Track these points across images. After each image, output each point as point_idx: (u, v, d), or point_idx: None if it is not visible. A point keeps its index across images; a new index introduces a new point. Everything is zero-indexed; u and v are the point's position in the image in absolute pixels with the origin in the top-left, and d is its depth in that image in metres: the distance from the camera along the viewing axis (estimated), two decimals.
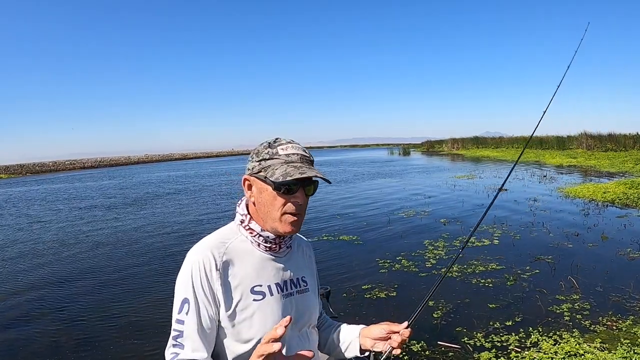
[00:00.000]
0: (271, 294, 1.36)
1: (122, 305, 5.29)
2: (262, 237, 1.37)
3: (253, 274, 1.34)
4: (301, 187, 1.32)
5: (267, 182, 1.31)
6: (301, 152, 1.34)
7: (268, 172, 1.30)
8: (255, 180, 1.35)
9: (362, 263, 6.47)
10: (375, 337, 1.48)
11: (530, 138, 2.80)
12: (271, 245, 1.38)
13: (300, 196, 1.32)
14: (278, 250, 1.41)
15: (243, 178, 1.39)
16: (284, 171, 1.27)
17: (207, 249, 1.31)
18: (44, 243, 9.30)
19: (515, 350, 3.67)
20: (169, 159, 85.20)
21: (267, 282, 1.36)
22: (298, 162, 1.31)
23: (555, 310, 4.44)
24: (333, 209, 11.86)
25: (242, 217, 1.40)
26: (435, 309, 4.60)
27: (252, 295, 1.32)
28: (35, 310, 5.30)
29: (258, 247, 1.38)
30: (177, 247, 8.13)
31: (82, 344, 4.28)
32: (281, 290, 1.39)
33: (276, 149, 1.33)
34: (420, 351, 3.75)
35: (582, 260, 6.03)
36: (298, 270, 1.48)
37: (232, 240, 1.37)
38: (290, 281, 1.43)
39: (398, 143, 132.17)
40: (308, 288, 1.50)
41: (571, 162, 24.04)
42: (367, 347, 1.50)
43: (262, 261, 1.38)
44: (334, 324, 1.68)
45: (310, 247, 1.65)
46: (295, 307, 1.42)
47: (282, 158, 1.31)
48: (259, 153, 1.34)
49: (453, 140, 52.21)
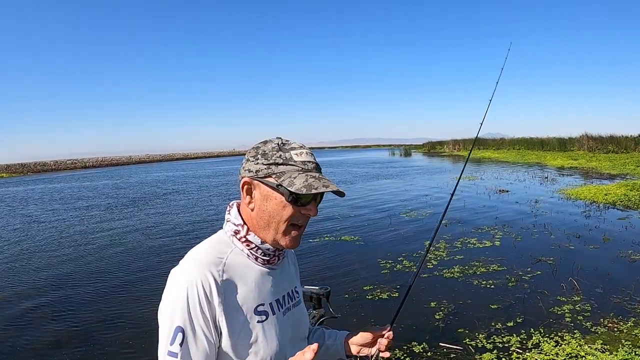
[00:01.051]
0: (273, 312, 1.25)
1: (123, 306, 5.32)
2: (260, 250, 1.23)
3: (255, 292, 1.21)
4: (314, 199, 1.20)
5: (279, 190, 1.16)
6: (315, 161, 1.22)
7: (284, 180, 1.15)
8: (259, 185, 1.19)
9: (364, 264, 6.48)
10: (360, 344, 1.42)
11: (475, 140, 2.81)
12: (269, 259, 1.26)
13: (313, 209, 1.20)
14: (276, 263, 1.29)
15: (243, 180, 1.21)
16: (305, 182, 1.14)
17: (204, 267, 1.13)
18: (43, 243, 9.33)
19: (516, 352, 3.68)
20: (170, 158, 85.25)
21: (268, 300, 1.25)
22: (314, 172, 1.19)
23: (556, 311, 4.45)
24: (335, 209, 11.87)
25: (236, 228, 1.24)
26: (437, 310, 4.62)
27: (256, 317, 1.20)
28: (36, 310, 5.32)
29: (255, 261, 1.24)
30: (180, 247, 8.15)
31: (82, 345, 4.30)
32: (280, 307, 1.29)
33: (289, 153, 1.19)
34: (422, 352, 3.77)
35: (584, 261, 6.04)
36: (291, 281, 1.39)
37: (228, 254, 1.21)
38: (287, 295, 1.34)
39: (399, 144, 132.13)
40: (300, 299, 1.42)
41: (572, 164, 24.03)
42: (352, 353, 1.45)
43: (261, 277, 1.24)
44: (312, 329, 1.59)
45: (294, 255, 1.54)
46: (293, 321, 1.34)
47: (298, 165, 1.18)
48: (267, 155, 1.18)
49: (454, 142, 52.17)
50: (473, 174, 20.63)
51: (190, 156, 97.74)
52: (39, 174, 45.85)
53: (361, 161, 42.41)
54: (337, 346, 1.50)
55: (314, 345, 1.03)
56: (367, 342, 1.40)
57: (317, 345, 1.03)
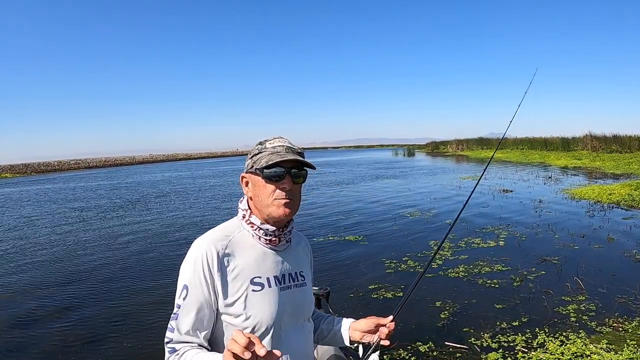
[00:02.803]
0: (269, 285, 1.45)
1: (130, 304, 5.34)
2: (262, 230, 1.46)
3: (253, 265, 1.44)
4: (288, 174, 1.42)
5: (257, 173, 1.45)
6: (287, 144, 1.47)
7: (256, 163, 1.44)
8: (250, 176, 1.49)
9: (368, 263, 6.50)
10: (364, 330, 1.57)
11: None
12: (271, 238, 1.48)
13: (287, 182, 1.43)
14: (278, 244, 1.50)
15: (241, 176, 1.54)
16: (268, 159, 1.41)
17: (211, 242, 1.41)
18: (47, 243, 9.37)
19: (522, 351, 3.70)
20: (173, 158, 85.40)
21: (266, 274, 1.45)
22: (283, 152, 1.43)
23: (561, 311, 4.46)
24: (339, 209, 11.90)
25: (243, 212, 1.51)
26: (442, 310, 4.64)
27: (252, 286, 1.41)
28: (42, 309, 5.34)
29: (259, 241, 1.48)
30: (184, 245, 8.18)
31: (89, 344, 4.32)
32: (279, 282, 1.48)
33: (264, 144, 1.47)
34: (428, 352, 3.79)
35: (588, 261, 6.05)
36: (297, 265, 1.57)
37: (235, 234, 1.48)
38: (289, 275, 1.52)
39: (402, 144, 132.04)
40: (305, 282, 1.59)
41: (576, 164, 23.98)
42: (355, 339, 1.60)
43: (262, 254, 1.48)
44: (322, 316, 1.78)
45: (309, 247, 1.73)
46: (293, 299, 1.50)
47: (268, 150, 1.45)
48: (251, 152, 1.50)
49: (458, 141, 52.11)
50: (477, 174, 20.62)
51: (194, 156, 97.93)
52: (43, 174, 46.02)
53: (364, 161, 42.41)
54: (335, 332, 1.66)
55: (277, 351, 1.12)
56: (370, 329, 1.56)
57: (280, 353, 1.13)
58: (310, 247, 1.73)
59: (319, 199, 14.23)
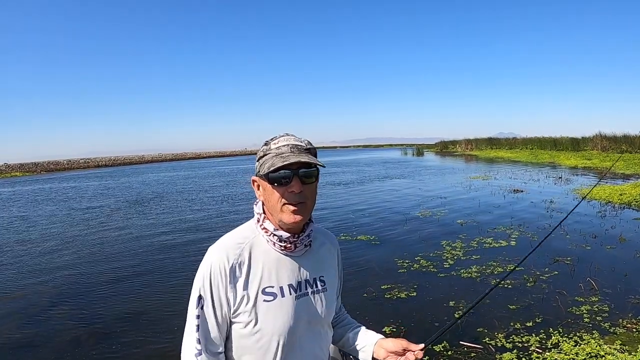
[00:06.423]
0: (282, 295, 1.39)
1: (143, 302, 5.43)
2: (276, 237, 1.39)
3: (266, 275, 1.38)
4: (295, 176, 1.32)
5: (263, 178, 1.37)
6: (292, 142, 1.36)
7: (262, 168, 1.36)
8: (259, 180, 1.40)
9: (381, 263, 6.55)
10: (391, 350, 1.49)
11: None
12: (286, 245, 1.40)
13: (296, 185, 1.33)
14: (294, 250, 1.42)
15: (252, 179, 1.45)
16: (270, 164, 1.31)
17: (223, 250, 1.36)
18: (60, 240, 9.51)
19: (536, 351, 3.74)
20: (182, 158, 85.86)
21: (279, 284, 1.39)
22: (287, 152, 1.33)
23: (574, 311, 4.49)
24: (349, 209, 11.95)
25: (258, 216, 1.44)
26: (456, 310, 4.69)
27: (263, 296, 1.36)
28: (55, 306, 5.42)
29: (274, 247, 1.41)
30: (196, 244, 8.27)
31: (102, 341, 4.38)
32: (295, 291, 1.41)
33: (269, 145, 1.37)
34: (443, 351, 3.83)
35: (601, 262, 6.06)
36: (316, 270, 1.49)
37: (250, 240, 1.41)
38: (306, 282, 1.45)
39: (411, 143, 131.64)
40: (326, 288, 1.51)
41: (586, 164, 23.84)
42: (379, 357, 1.51)
43: (277, 261, 1.41)
44: (352, 324, 1.71)
45: (336, 244, 1.65)
46: (309, 307, 1.45)
47: (273, 152, 1.35)
48: (258, 154, 1.41)
49: (467, 141, 51.94)
50: (487, 174, 20.58)
51: (203, 155, 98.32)
52: (53, 173, 46.45)
53: (374, 161, 42.39)
54: (360, 344, 1.60)
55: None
56: (397, 351, 1.48)
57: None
58: (337, 245, 1.65)
59: (329, 198, 14.28)
